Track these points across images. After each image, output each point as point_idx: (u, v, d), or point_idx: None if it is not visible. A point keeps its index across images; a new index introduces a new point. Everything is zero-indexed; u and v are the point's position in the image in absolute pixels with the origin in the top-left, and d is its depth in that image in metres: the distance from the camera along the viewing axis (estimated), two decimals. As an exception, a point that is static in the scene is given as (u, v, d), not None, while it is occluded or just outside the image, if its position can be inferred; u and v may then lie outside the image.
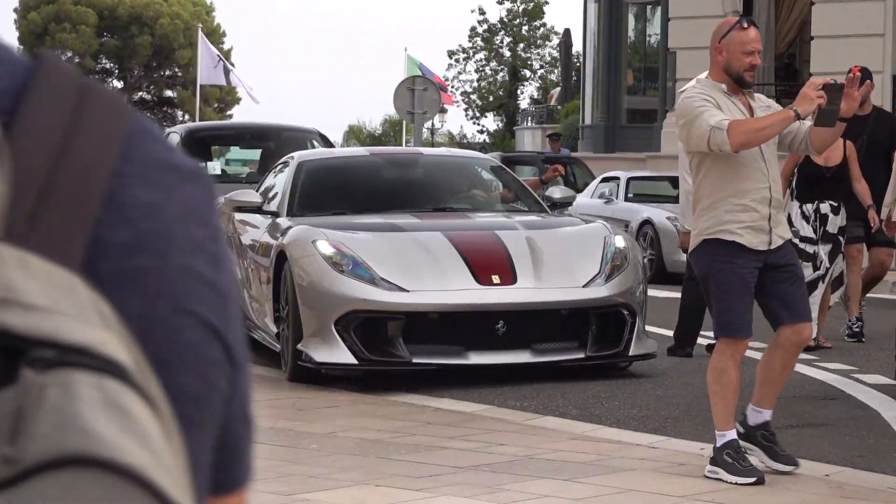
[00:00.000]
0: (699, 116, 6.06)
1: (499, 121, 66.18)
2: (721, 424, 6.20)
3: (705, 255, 6.16)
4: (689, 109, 6.13)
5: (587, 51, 33.63)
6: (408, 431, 7.38)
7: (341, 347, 8.73)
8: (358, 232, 9.31)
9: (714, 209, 6.14)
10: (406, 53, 44.28)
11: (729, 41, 6.22)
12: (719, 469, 6.12)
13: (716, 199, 6.14)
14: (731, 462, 6.08)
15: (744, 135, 5.97)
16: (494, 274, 8.97)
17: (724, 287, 6.11)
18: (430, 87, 24.60)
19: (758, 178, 6.13)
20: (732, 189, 6.12)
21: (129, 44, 65.88)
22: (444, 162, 11.35)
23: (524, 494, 5.91)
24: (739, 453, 6.12)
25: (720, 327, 6.17)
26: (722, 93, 6.21)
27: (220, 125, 19.34)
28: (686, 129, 6.15)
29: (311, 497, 5.89)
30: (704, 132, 6.02)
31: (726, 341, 6.17)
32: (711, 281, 6.16)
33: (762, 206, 6.13)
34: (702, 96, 6.15)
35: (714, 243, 6.14)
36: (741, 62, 6.19)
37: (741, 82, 6.22)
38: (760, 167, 6.14)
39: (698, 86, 6.23)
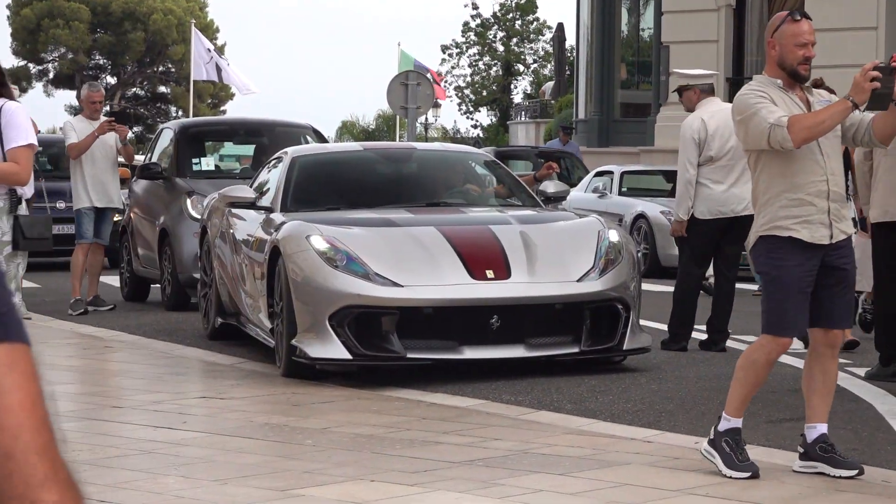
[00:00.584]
0: (756, 114, 6.01)
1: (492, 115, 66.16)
2: (731, 410, 6.15)
3: (762, 251, 6.12)
4: (746, 107, 6.07)
5: (580, 45, 33.62)
6: (402, 426, 7.38)
7: (335, 343, 8.73)
8: (352, 227, 9.30)
9: (770, 205, 6.08)
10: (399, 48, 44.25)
11: (781, 35, 6.13)
12: (716, 454, 6.11)
13: (771, 196, 6.08)
14: (729, 452, 6.06)
15: (805, 130, 5.92)
16: (488, 268, 8.97)
17: (777, 285, 6.04)
18: (424, 81, 24.60)
19: (814, 172, 6.06)
20: (787, 184, 6.06)
21: (123, 40, 65.78)
22: (437, 157, 11.35)
23: (519, 489, 5.91)
24: (739, 445, 6.09)
25: (768, 324, 6.09)
26: (778, 88, 6.14)
27: (213, 121, 19.32)
28: (743, 127, 6.09)
29: (306, 492, 5.89)
30: (763, 130, 5.97)
31: (769, 338, 6.08)
32: (766, 277, 6.12)
33: (819, 199, 6.05)
34: (757, 93, 6.09)
35: (770, 240, 6.08)
36: (794, 55, 6.11)
37: (796, 76, 6.15)
38: (817, 160, 6.07)
39: (754, 83, 6.17)
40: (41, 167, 21.14)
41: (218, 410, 8.00)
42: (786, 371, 9.33)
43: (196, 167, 14.84)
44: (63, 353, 10.75)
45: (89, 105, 13.65)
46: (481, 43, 65.87)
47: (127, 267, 15.02)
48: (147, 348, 10.85)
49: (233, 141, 18.18)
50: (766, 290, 6.13)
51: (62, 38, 64.55)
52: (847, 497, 5.77)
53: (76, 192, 13.39)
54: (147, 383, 9.18)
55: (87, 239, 13.42)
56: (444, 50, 66.40)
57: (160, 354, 10.49)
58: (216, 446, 6.93)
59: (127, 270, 15.02)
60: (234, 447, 6.89)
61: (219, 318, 11.02)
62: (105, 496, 5.84)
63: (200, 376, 9.64)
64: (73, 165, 13.41)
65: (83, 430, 7.39)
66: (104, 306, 13.25)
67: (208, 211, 11.54)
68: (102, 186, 13.35)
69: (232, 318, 10.84)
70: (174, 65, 66.67)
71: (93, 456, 6.68)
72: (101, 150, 13.35)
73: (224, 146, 23.08)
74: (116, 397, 8.66)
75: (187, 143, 14.82)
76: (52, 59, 67.09)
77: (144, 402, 8.31)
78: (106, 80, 67.94)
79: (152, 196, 14.52)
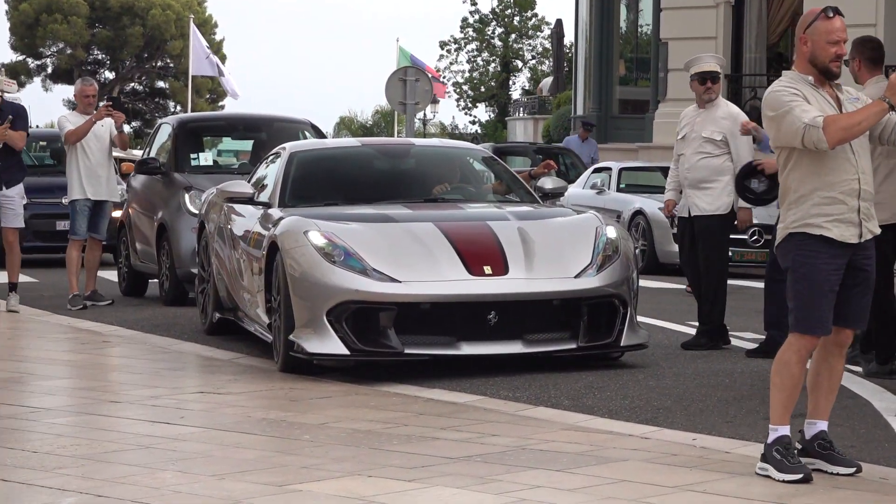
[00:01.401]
0: (790, 112, 5.96)
1: (490, 111, 66.16)
2: (775, 418, 6.05)
3: (791, 248, 6.06)
4: (779, 104, 6.02)
5: (579, 41, 33.61)
6: (400, 422, 7.38)
7: (333, 338, 8.73)
8: (350, 223, 9.30)
9: (802, 203, 6.03)
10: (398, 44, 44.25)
11: (813, 31, 6.07)
12: (769, 466, 5.99)
13: (804, 193, 6.03)
14: (780, 459, 5.95)
15: (841, 132, 5.88)
16: (486, 265, 8.96)
17: (805, 283, 5.99)
18: (422, 77, 24.59)
19: (846, 170, 6.02)
20: (820, 182, 6.01)
21: (121, 35, 65.74)
22: (436, 153, 11.34)
23: (516, 485, 5.92)
24: (789, 450, 5.99)
25: (796, 322, 6.03)
26: (809, 85, 6.09)
27: (211, 116, 19.33)
28: (775, 124, 6.03)
29: (303, 487, 5.89)
30: (798, 129, 5.93)
31: (797, 335, 6.02)
32: (793, 275, 6.06)
33: (851, 198, 6.02)
34: (790, 90, 6.03)
35: (800, 237, 6.03)
36: (826, 52, 6.06)
37: (828, 73, 6.09)
38: (849, 158, 6.03)
39: (785, 79, 6.11)
40: (40, 162, 21.06)
41: (215, 405, 8.00)
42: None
43: (194, 162, 14.84)
44: (61, 348, 10.75)
45: (83, 99, 13.60)
46: (480, 39, 65.86)
47: (125, 262, 15.02)
48: (145, 343, 10.85)
49: (231, 136, 18.20)
50: (794, 287, 6.05)
51: (60, 32, 64.51)
52: (844, 494, 5.77)
53: (71, 183, 13.35)
54: (144, 378, 9.18)
55: (79, 235, 13.38)
56: (442, 46, 66.39)
57: (158, 349, 10.49)
58: (214, 441, 6.93)
59: (125, 265, 15.02)
60: (231, 442, 6.89)
61: (217, 314, 11.02)
62: (103, 491, 5.84)
63: (198, 371, 9.64)
64: (69, 157, 13.38)
65: (81, 425, 7.39)
66: (102, 301, 13.24)
67: (206, 206, 11.54)
68: (98, 179, 13.32)
69: (230, 314, 10.84)
70: (173, 60, 66.64)
71: (90, 450, 6.68)
72: (97, 142, 13.32)
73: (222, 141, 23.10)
74: (114, 392, 8.66)
75: (185, 139, 14.81)
76: (50, 54, 67.05)
77: (142, 397, 8.31)
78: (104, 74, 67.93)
79: (150, 191, 14.51)
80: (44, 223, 18.31)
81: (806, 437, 6.17)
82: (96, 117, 13.24)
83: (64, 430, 7.21)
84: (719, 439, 6.91)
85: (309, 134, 14.90)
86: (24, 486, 5.95)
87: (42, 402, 8.18)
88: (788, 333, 6.12)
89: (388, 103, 25.47)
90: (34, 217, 18.17)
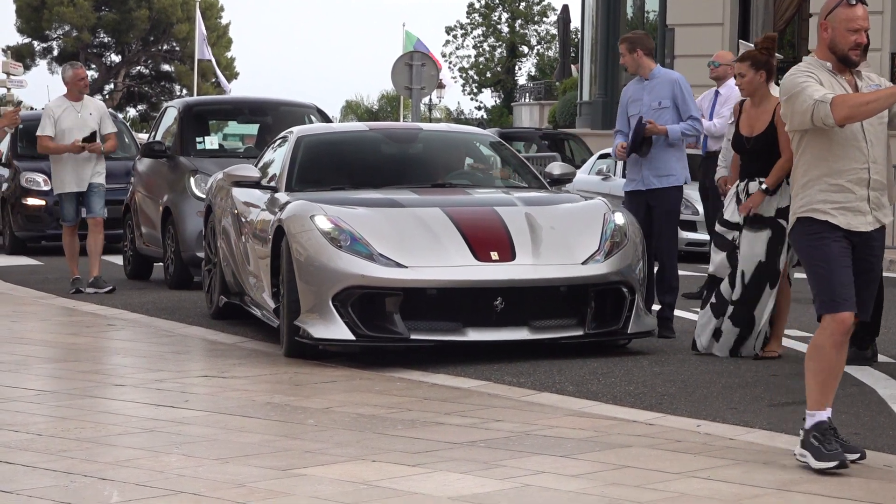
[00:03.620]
0: (802, 92, 5.92)
1: (496, 97, 66.10)
2: (811, 403, 5.99)
3: (800, 234, 6.05)
4: (792, 86, 5.99)
5: (585, 27, 33.56)
6: (404, 407, 7.38)
7: (339, 323, 8.72)
8: (356, 207, 9.29)
9: (809, 188, 6.01)
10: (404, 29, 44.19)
11: (834, 18, 6.03)
12: (807, 453, 5.93)
13: (811, 178, 6.01)
14: (817, 445, 5.90)
15: (848, 108, 5.83)
16: (493, 250, 8.95)
17: (820, 261, 5.96)
18: (428, 62, 24.55)
19: (856, 159, 5.98)
20: (828, 168, 5.98)
21: (127, 18, 65.69)
22: (443, 137, 11.31)
23: (520, 470, 5.91)
24: (826, 436, 5.93)
25: (822, 303, 5.96)
26: (827, 71, 6.04)
27: (217, 100, 19.26)
28: (789, 106, 6.01)
29: (308, 472, 5.90)
30: (808, 107, 5.89)
31: (828, 318, 5.96)
32: (807, 258, 6.02)
33: (859, 187, 5.98)
34: (805, 73, 6.00)
35: (806, 222, 6.01)
36: (846, 40, 6.01)
37: (846, 61, 6.05)
38: (860, 147, 5.99)
39: (803, 64, 6.07)
40: None
41: (220, 389, 8.01)
42: (788, 354, 9.32)
43: (200, 146, 14.83)
44: (66, 331, 10.75)
45: (77, 83, 13.33)
46: (486, 24, 65.78)
47: (130, 245, 15.02)
48: (150, 326, 10.86)
49: (237, 120, 18.16)
50: (811, 270, 6.01)
51: (66, 15, 64.45)
52: (848, 481, 5.77)
53: (57, 176, 13.16)
54: (149, 362, 9.18)
55: (69, 221, 13.25)
56: (448, 31, 66.30)
57: (163, 333, 10.49)
58: (218, 425, 6.93)
59: (130, 249, 15.02)
60: (235, 426, 6.89)
61: (223, 298, 11.02)
62: (107, 474, 5.85)
63: (203, 355, 9.64)
64: None
65: (85, 408, 7.40)
66: (104, 287, 13.14)
67: (213, 190, 11.53)
68: (84, 171, 13.03)
69: (235, 298, 10.84)
70: (178, 43, 66.59)
71: (95, 434, 6.69)
72: (83, 133, 13.05)
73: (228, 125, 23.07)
74: (118, 375, 8.66)
75: (191, 122, 14.80)
76: (56, 37, 67.01)
77: (146, 381, 8.31)
78: (110, 58, 67.90)
79: (156, 175, 14.51)
80: None
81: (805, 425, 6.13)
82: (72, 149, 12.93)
83: (68, 413, 7.22)
84: (723, 426, 6.91)
85: (315, 118, 14.89)
86: (29, 469, 5.96)
87: (46, 385, 8.18)
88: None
89: (394, 88, 25.43)
90: (57, 203, 18.09)
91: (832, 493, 5.57)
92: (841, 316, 5.95)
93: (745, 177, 9.14)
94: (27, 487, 5.62)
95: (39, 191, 18.18)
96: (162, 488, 5.59)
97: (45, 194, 17.81)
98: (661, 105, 10.26)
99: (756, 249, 8.98)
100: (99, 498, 5.48)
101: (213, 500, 5.46)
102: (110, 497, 5.51)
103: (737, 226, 9.13)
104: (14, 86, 48.98)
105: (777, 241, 8.95)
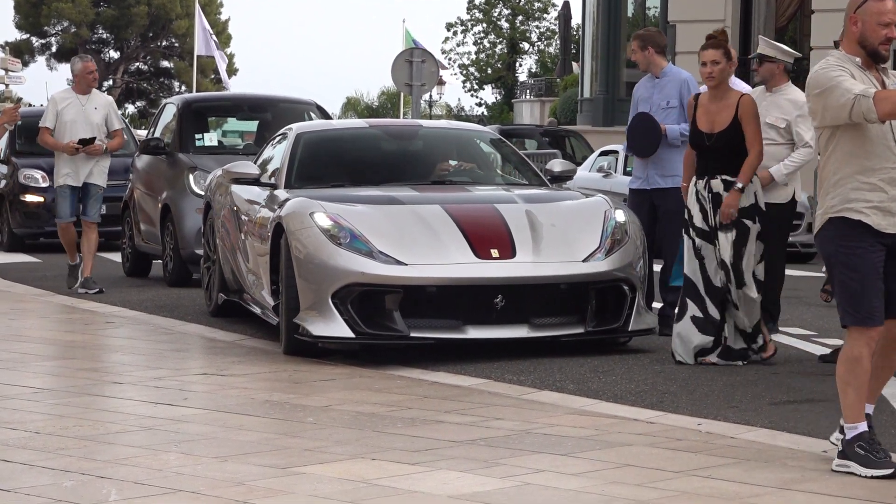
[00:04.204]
0: (838, 86, 5.79)
1: (497, 93, 66.10)
2: (852, 416, 5.88)
3: (831, 236, 5.89)
4: (825, 80, 5.84)
5: (586, 23, 33.53)
6: (404, 405, 7.36)
7: (338, 321, 8.70)
8: (356, 204, 9.26)
9: (840, 186, 5.87)
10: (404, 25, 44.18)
11: (864, 12, 5.90)
12: (850, 462, 5.84)
13: (842, 176, 5.87)
14: (864, 454, 5.81)
15: (892, 104, 5.69)
16: (493, 248, 8.92)
17: (854, 272, 5.82)
18: (429, 59, 24.54)
19: (887, 158, 5.87)
20: (860, 165, 5.85)
21: (126, 14, 65.66)
22: (443, 134, 11.28)
23: (520, 469, 5.89)
24: (872, 444, 5.85)
25: (849, 315, 5.84)
26: (856, 66, 5.93)
27: (216, 96, 19.24)
28: (821, 101, 5.86)
29: (307, 470, 5.87)
30: (847, 101, 5.75)
31: (856, 329, 5.85)
32: (838, 265, 5.88)
33: (890, 186, 5.85)
34: (838, 66, 5.87)
35: (839, 223, 5.86)
36: (877, 34, 5.89)
37: (876, 56, 5.93)
38: (890, 146, 5.88)
39: (832, 58, 5.94)
40: None
41: (219, 387, 7.99)
42: (789, 353, 9.30)
43: (199, 143, 14.80)
44: (64, 329, 10.73)
45: (86, 76, 13.22)
46: (486, 20, 65.77)
47: (129, 242, 14.99)
48: (148, 324, 10.84)
49: (236, 117, 18.14)
50: (840, 279, 5.87)
51: (65, 11, 64.42)
52: (850, 479, 5.74)
53: (56, 167, 13.05)
54: (148, 359, 9.16)
55: (63, 218, 13.07)
56: (448, 27, 66.29)
57: (161, 330, 10.47)
58: (217, 423, 6.91)
59: (128, 246, 14.99)
60: (234, 424, 6.87)
61: (222, 295, 11.00)
62: (105, 472, 5.83)
63: (202, 353, 9.62)
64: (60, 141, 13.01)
65: (83, 406, 7.37)
66: (93, 289, 12.85)
67: (212, 187, 11.50)
68: (85, 165, 12.92)
69: (235, 295, 10.81)
70: (178, 39, 66.57)
71: (93, 431, 6.67)
72: (87, 127, 12.97)
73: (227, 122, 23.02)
74: (117, 373, 8.64)
75: (190, 119, 14.77)
76: (54, 33, 66.98)
77: (145, 378, 8.29)
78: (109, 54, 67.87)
79: (155, 171, 14.48)
80: None
81: None
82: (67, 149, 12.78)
83: (66, 411, 7.20)
84: (724, 424, 6.89)
85: (314, 115, 14.86)
86: (26, 467, 5.93)
87: (44, 383, 8.16)
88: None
89: (395, 84, 25.41)
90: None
91: (833, 492, 5.55)
92: (872, 332, 5.85)
93: (703, 174, 8.75)
94: (25, 485, 5.59)
95: (38, 187, 18.17)
96: (160, 486, 5.57)
97: (44, 191, 17.80)
98: (668, 105, 10.13)
99: (724, 251, 8.70)
100: (97, 496, 5.46)
101: (211, 498, 5.44)
102: (109, 495, 5.49)
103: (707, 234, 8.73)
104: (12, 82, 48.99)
105: (741, 241, 8.69)
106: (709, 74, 8.83)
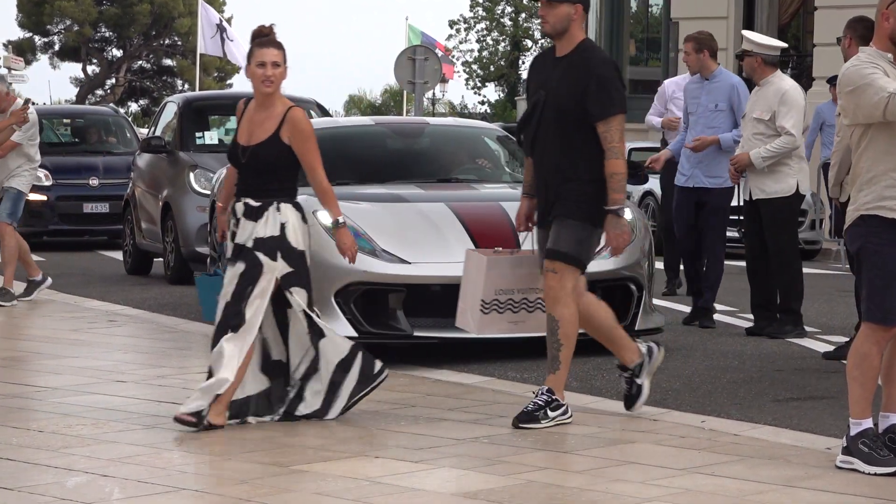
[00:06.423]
0: (872, 84, 5.73)
1: (500, 91, 66.05)
2: (857, 412, 5.86)
3: (861, 232, 5.84)
4: (858, 77, 5.79)
5: (589, 21, 33.47)
6: (407, 403, 7.35)
7: (341, 319, 8.68)
8: (360, 202, 9.24)
9: (874, 183, 5.80)
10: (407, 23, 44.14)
11: None
12: (854, 459, 5.82)
13: (876, 174, 5.80)
14: (868, 451, 5.79)
15: None
16: (498, 246, 8.88)
17: (879, 272, 5.77)
18: (432, 56, 24.53)
19: None
20: (894, 163, 5.78)
21: (129, 12, 65.58)
22: (450, 132, 11.25)
23: (524, 466, 5.88)
24: (876, 442, 5.84)
25: (871, 311, 5.80)
26: (889, 62, 5.86)
27: (218, 95, 19.27)
28: (854, 98, 5.80)
29: (310, 468, 5.86)
30: (881, 99, 5.68)
31: (874, 326, 5.81)
32: (866, 263, 5.83)
33: None
34: (871, 64, 5.81)
35: (872, 220, 5.80)
36: None
37: None
38: None
39: (864, 55, 5.88)
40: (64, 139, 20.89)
41: (222, 385, 7.96)
42: (792, 350, 9.29)
43: (200, 141, 14.81)
44: (67, 327, 10.73)
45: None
46: (489, 18, 65.71)
47: (130, 241, 14.99)
48: (151, 323, 10.83)
49: (237, 115, 18.16)
50: (867, 275, 5.83)
51: (68, 10, 64.40)
52: (854, 477, 5.73)
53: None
54: (151, 358, 9.15)
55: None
56: (451, 25, 66.25)
57: (164, 329, 10.46)
58: (220, 421, 6.89)
59: (130, 244, 14.99)
60: (237, 422, 6.85)
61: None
62: (108, 470, 5.82)
63: (204, 351, 9.57)
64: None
65: (86, 404, 7.36)
66: (9, 303, 11.85)
67: (218, 186, 11.49)
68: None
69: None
70: (180, 38, 66.52)
71: (96, 430, 6.66)
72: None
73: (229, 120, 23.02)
74: (120, 371, 8.63)
75: (191, 117, 14.77)
76: (57, 32, 66.95)
77: (148, 377, 8.28)
78: (112, 52, 67.88)
79: (156, 170, 14.48)
80: (70, 205, 17.96)
81: (879, 429, 5.97)
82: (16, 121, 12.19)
83: (69, 410, 7.19)
84: (728, 421, 6.88)
85: (314, 113, 14.85)
86: (30, 466, 5.93)
87: (47, 382, 8.15)
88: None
89: (398, 82, 25.39)
90: (60, 199, 17.96)
91: (837, 489, 5.53)
92: (886, 332, 5.81)
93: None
94: (28, 484, 5.59)
95: (40, 186, 18.16)
96: (164, 485, 5.56)
97: (46, 190, 17.78)
98: (717, 108, 10.51)
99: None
100: (100, 495, 5.45)
101: (215, 496, 5.43)
102: (112, 494, 5.48)
103: None
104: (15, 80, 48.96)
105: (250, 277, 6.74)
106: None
